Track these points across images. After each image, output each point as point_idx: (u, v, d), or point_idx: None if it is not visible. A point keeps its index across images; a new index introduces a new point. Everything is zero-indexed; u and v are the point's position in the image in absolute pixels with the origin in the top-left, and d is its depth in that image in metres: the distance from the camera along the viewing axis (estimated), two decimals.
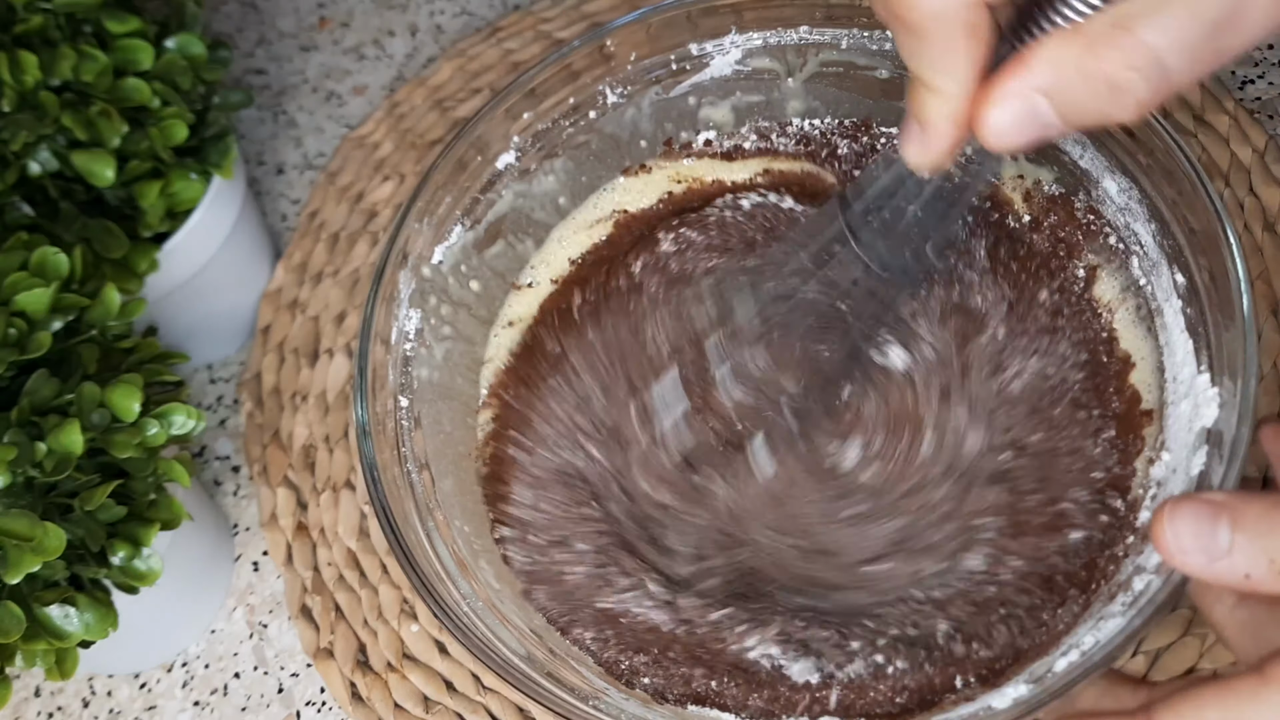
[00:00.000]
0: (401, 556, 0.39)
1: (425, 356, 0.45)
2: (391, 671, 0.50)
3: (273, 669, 0.51)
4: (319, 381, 0.57)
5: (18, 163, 0.47)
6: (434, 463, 0.44)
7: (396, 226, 0.44)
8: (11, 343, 0.41)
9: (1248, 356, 0.35)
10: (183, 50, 0.51)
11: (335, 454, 0.55)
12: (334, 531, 0.53)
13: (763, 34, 0.47)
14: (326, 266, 0.60)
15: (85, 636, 0.41)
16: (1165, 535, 0.30)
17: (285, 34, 0.71)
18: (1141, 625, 0.34)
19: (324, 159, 0.65)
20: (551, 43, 0.65)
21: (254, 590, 0.53)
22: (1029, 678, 0.36)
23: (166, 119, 0.49)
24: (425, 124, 0.64)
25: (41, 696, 0.52)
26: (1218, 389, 0.38)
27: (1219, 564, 0.29)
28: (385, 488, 0.40)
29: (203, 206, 0.51)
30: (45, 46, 0.48)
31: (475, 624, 0.39)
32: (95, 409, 0.41)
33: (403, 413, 0.43)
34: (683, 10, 0.46)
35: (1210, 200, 0.38)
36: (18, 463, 0.39)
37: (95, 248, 0.47)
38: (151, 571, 0.43)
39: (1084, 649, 0.35)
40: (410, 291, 0.45)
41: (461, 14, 0.70)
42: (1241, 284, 0.36)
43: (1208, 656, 0.44)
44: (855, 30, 0.46)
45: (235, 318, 0.60)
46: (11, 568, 0.38)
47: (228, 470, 0.57)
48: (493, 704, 0.48)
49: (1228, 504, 0.29)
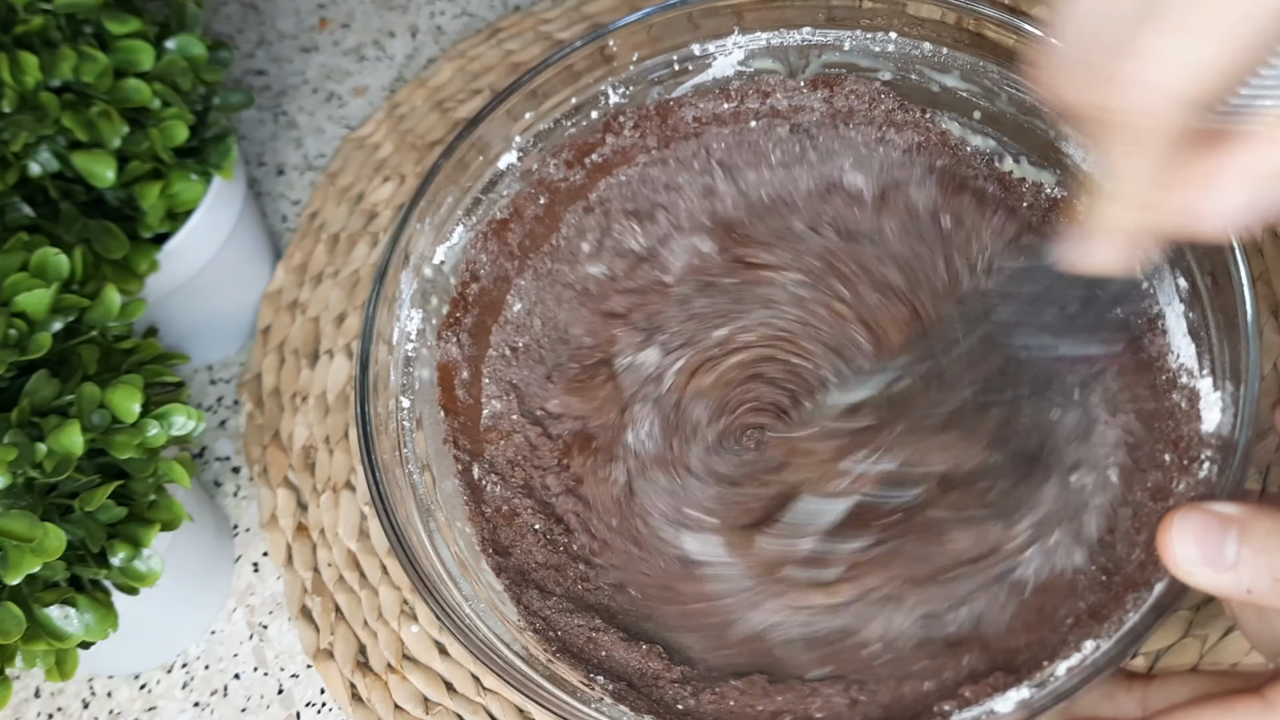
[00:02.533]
0: (403, 557, 0.39)
1: (427, 357, 0.45)
2: (391, 672, 0.49)
3: (273, 670, 0.51)
4: (319, 382, 0.57)
5: (18, 163, 0.47)
6: (435, 463, 0.43)
7: (398, 227, 0.44)
8: (11, 343, 0.41)
9: (1250, 362, 0.35)
10: (183, 51, 0.51)
11: (335, 455, 0.55)
12: (334, 532, 0.53)
13: (765, 35, 0.47)
14: (327, 267, 0.60)
15: (85, 637, 0.41)
16: (1171, 545, 0.30)
17: (285, 35, 0.71)
18: (1144, 628, 0.34)
19: (324, 160, 0.65)
20: (552, 43, 0.65)
21: (254, 591, 0.53)
22: (1032, 680, 0.36)
23: (167, 120, 0.49)
24: (425, 125, 0.64)
25: (41, 697, 0.52)
26: (1220, 393, 0.37)
27: (1223, 577, 0.29)
28: (386, 488, 0.40)
29: (203, 207, 0.51)
30: (46, 47, 0.48)
31: (476, 625, 0.39)
32: (95, 409, 0.41)
33: (404, 413, 0.43)
34: (685, 11, 0.46)
35: None
36: (18, 463, 0.39)
37: (95, 248, 0.47)
38: (151, 572, 0.42)
39: (1086, 651, 0.35)
40: (412, 292, 0.45)
41: (462, 15, 0.70)
42: (1244, 288, 0.36)
43: (1208, 657, 0.44)
44: (858, 31, 0.46)
45: (235, 318, 0.60)
46: (11, 568, 0.38)
47: (228, 471, 0.57)
48: (493, 705, 0.48)
49: (1236, 518, 0.29)
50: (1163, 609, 0.34)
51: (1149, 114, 0.24)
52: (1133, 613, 0.35)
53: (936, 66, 0.46)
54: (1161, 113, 0.24)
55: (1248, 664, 0.44)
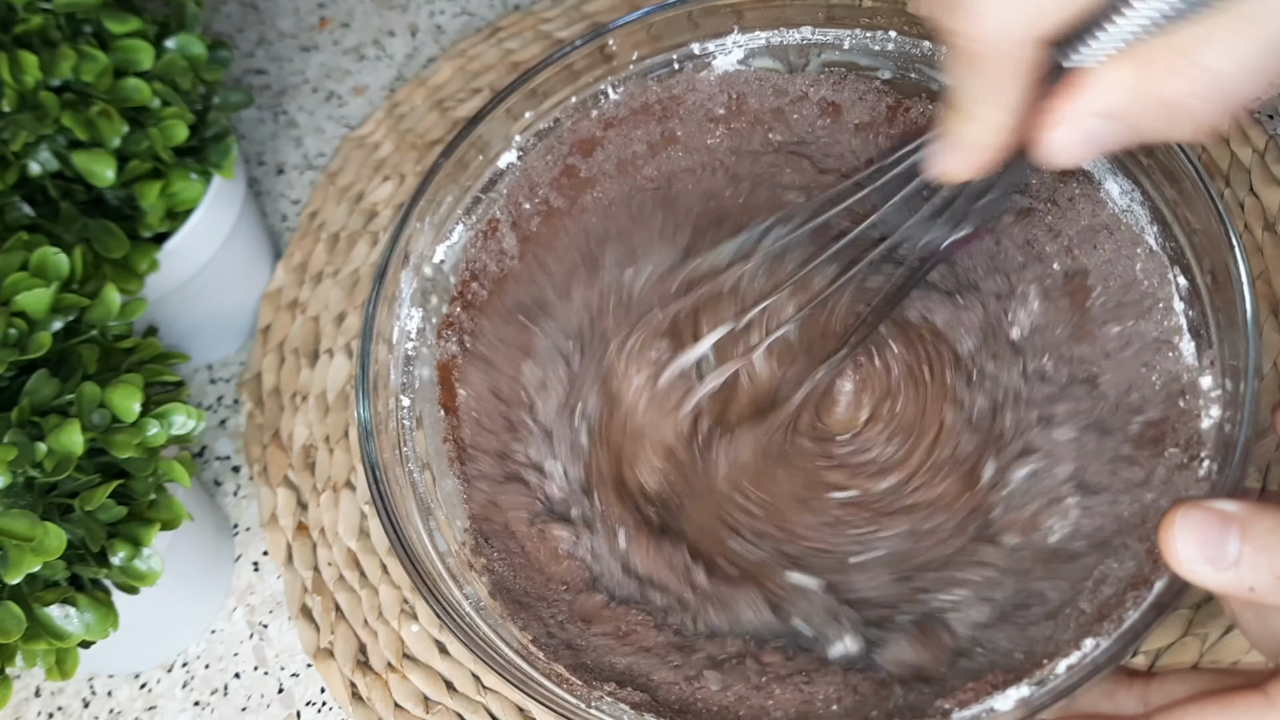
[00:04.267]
0: (402, 556, 0.39)
1: (427, 356, 0.45)
2: (392, 671, 0.49)
3: (273, 669, 0.51)
4: (319, 381, 0.57)
5: (18, 163, 0.47)
6: (435, 462, 0.43)
7: (398, 226, 0.44)
8: (12, 343, 0.41)
9: (1250, 359, 0.35)
10: (183, 50, 0.51)
11: (335, 454, 0.55)
12: (334, 531, 0.53)
13: (765, 34, 0.47)
14: (326, 266, 0.60)
15: (85, 636, 0.41)
16: (1172, 543, 0.29)
17: (285, 34, 0.71)
18: (1144, 626, 0.34)
19: (324, 159, 0.65)
20: (552, 42, 0.65)
21: (254, 590, 0.53)
22: (1032, 678, 0.36)
23: (166, 119, 0.49)
24: (425, 124, 0.64)
25: (42, 696, 0.52)
26: (1220, 391, 0.38)
27: (1224, 575, 0.29)
28: (386, 487, 0.40)
29: (203, 206, 0.51)
30: (45, 46, 0.48)
31: (476, 624, 0.39)
32: (95, 409, 0.41)
33: (404, 412, 0.43)
34: (684, 10, 0.46)
35: (1211, 200, 0.38)
36: (18, 463, 0.39)
37: (95, 248, 0.47)
38: (152, 571, 0.42)
39: (1086, 649, 0.35)
40: (412, 291, 0.45)
41: (462, 14, 0.70)
42: (1244, 286, 0.36)
43: (1208, 655, 0.44)
44: (858, 31, 0.46)
45: (235, 318, 0.60)
46: (12, 568, 0.38)
47: (228, 470, 0.57)
48: (493, 704, 0.48)
49: (1238, 515, 0.29)
50: (1163, 607, 0.34)
51: (993, 43, 0.27)
52: (1133, 611, 0.35)
53: (936, 65, 0.46)
54: (1004, 44, 0.27)
55: (1248, 662, 0.44)
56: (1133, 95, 0.27)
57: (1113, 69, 0.27)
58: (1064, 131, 0.28)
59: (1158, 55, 0.26)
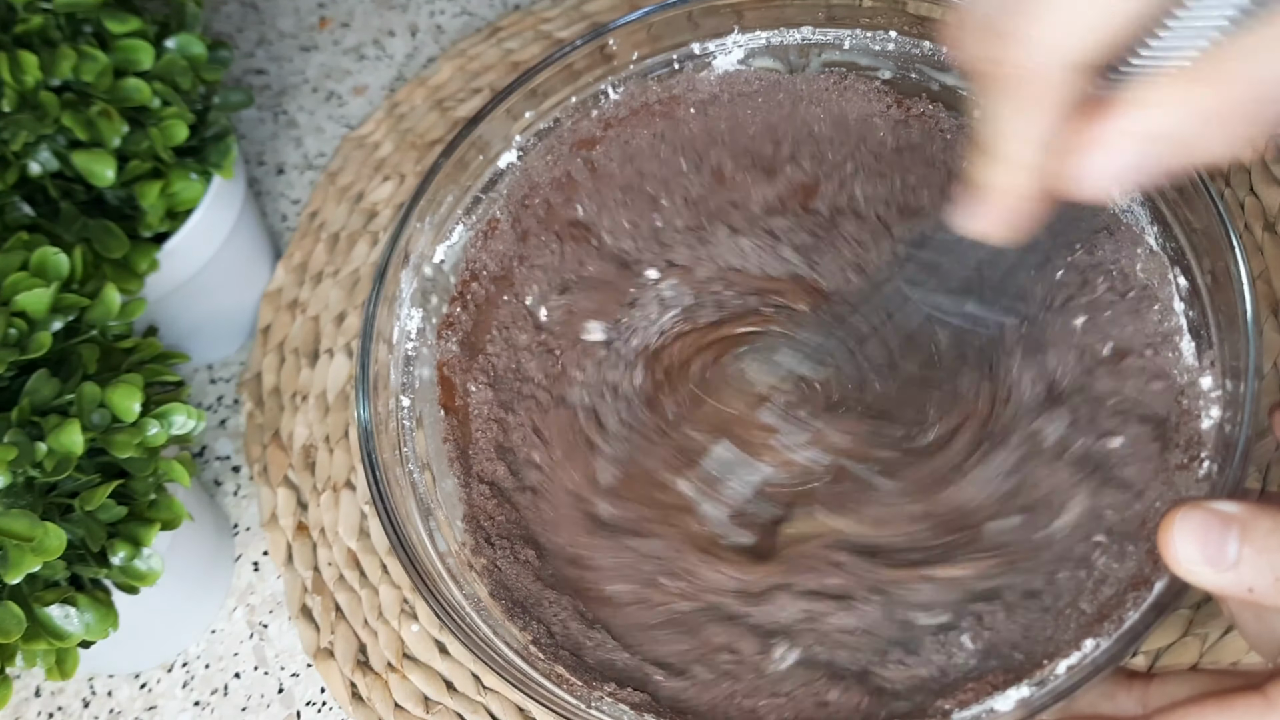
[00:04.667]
0: (402, 556, 0.39)
1: (427, 356, 0.45)
2: (392, 671, 0.49)
3: (273, 669, 0.51)
4: (319, 381, 0.57)
5: (18, 163, 0.47)
6: (435, 462, 0.43)
7: (398, 226, 0.44)
8: (12, 343, 0.41)
9: (1250, 360, 0.35)
10: (183, 50, 0.51)
11: (335, 454, 0.55)
12: (334, 531, 0.53)
13: (765, 33, 0.47)
14: (326, 266, 0.60)
15: (85, 636, 0.41)
16: (1172, 544, 0.29)
17: (285, 34, 0.71)
18: (1144, 627, 0.34)
19: (324, 159, 0.65)
20: (552, 42, 0.65)
21: (254, 590, 0.53)
22: (1032, 679, 0.36)
23: (166, 119, 0.49)
24: (425, 124, 0.64)
25: (42, 696, 0.52)
26: (1220, 391, 0.38)
27: (1224, 576, 0.29)
28: (386, 487, 0.40)
29: (203, 206, 0.51)
30: (45, 46, 0.48)
31: (476, 624, 0.39)
32: (95, 409, 0.41)
33: (404, 412, 0.43)
34: (684, 10, 0.46)
35: (1212, 200, 0.38)
36: (18, 463, 0.39)
37: (95, 248, 0.47)
38: (152, 571, 0.42)
39: (1085, 650, 0.35)
40: (412, 291, 0.45)
41: (462, 14, 0.70)
42: (1244, 286, 0.36)
43: (1208, 656, 0.44)
44: (858, 30, 0.46)
45: (235, 318, 0.60)
46: (12, 568, 0.38)
47: (228, 470, 0.57)
48: (493, 704, 0.48)
49: (1238, 517, 0.29)
50: (1163, 608, 0.34)
51: (1036, 71, 0.25)
52: (1132, 611, 0.35)
53: (936, 65, 0.46)
54: (1049, 71, 0.25)
55: (1248, 663, 0.44)
56: (1183, 111, 0.25)
57: (1158, 86, 0.25)
58: (1106, 156, 0.26)
59: (1207, 69, 0.25)
